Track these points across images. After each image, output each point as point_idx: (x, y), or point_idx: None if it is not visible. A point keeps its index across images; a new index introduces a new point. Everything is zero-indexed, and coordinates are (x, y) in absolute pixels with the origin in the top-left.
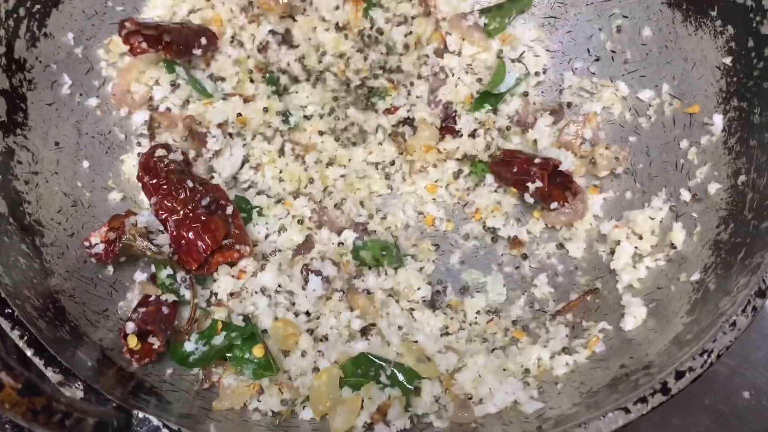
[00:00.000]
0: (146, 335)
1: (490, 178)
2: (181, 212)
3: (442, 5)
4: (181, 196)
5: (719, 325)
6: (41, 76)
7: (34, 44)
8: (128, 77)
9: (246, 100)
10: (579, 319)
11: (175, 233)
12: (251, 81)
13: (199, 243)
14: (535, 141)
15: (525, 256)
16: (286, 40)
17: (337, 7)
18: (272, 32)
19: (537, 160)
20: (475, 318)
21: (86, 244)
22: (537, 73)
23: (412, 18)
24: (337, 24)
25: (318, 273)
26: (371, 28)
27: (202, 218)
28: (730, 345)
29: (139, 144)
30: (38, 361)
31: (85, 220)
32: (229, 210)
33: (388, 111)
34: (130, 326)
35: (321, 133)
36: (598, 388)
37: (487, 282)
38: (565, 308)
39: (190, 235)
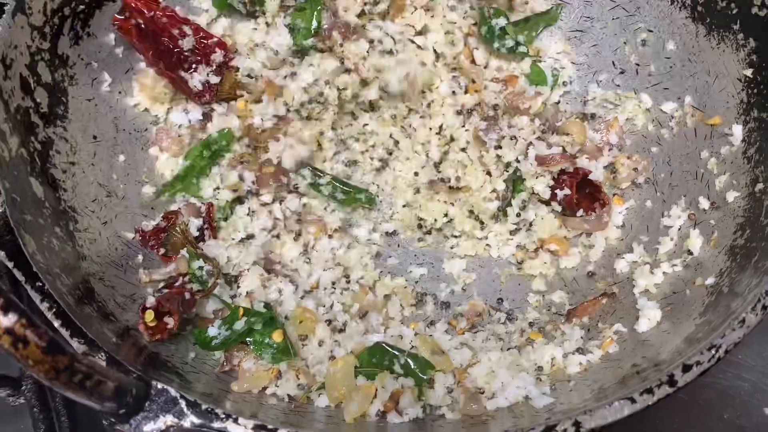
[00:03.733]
0: (164, 314)
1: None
2: None
3: None
4: None
5: (728, 323)
6: (82, 72)
7: (77, 42)
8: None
9: None
10: (595, 322)
11: None
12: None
13: None
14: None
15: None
16: None
17: None
18: None
19: (568, 168)
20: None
21: (137, 228)
22: (564, 83)
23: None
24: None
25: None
26: None
27: None
28: (739, 341)
29: None
30: (64, 332)
31: (118, 210)
32: None
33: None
34: (150, 301)
35: None
36: (609, 385)
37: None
38: (581, 308)
39: None
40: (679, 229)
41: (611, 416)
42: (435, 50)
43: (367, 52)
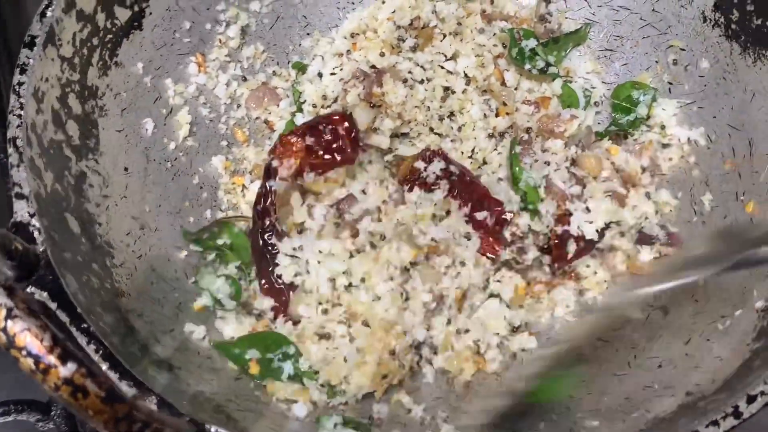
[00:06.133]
0: None
1: None
2: None
3: None
4: None
5: None
6: (112, 103)
7: (105, 72)
8: None
9: None
10: (642, 345)
11: None
12: None
13: None
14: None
15: None
16: None
17: None
18: None
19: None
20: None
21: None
22: (596, 103)
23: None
24: None
25: None
26: None
27: None
28: None
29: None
30: (113, 375)
31: (152, 242)
32: None
33: None
34: None
35: None
36: (665, 415)
37: None
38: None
39: None
40: None
41: None
42: (466, 74)
43: (405, 97)
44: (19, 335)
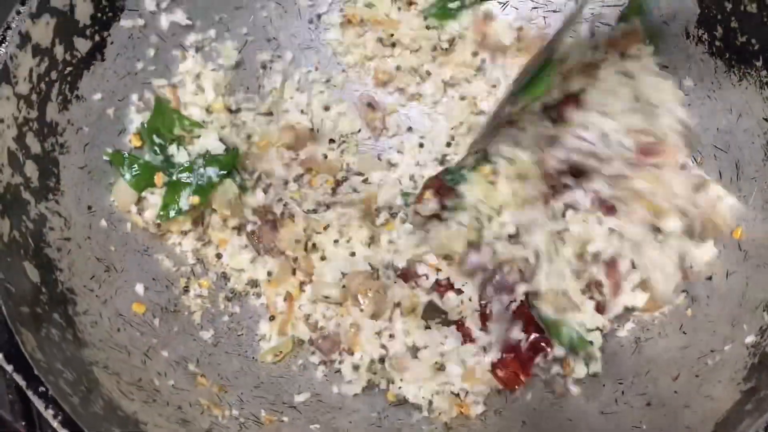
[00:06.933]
0: None
1: None
2: None
3: None
4: None
5: None
6: (74, 139)
7: (66, 107)
8: None
9: None
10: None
11: None
12: None
13: None
14: None
15: None
16: None
17: None
18: None
19: None
20: None
21: None
22: None
23: None
24: None
25: None
26: None
27: None
28: None
29: None
30: None
31: (118, 285)
32: None
33: None
34: None
35: None
36: None
37: None
38: None
39: None
40: None
41: None
42: None
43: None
44: None
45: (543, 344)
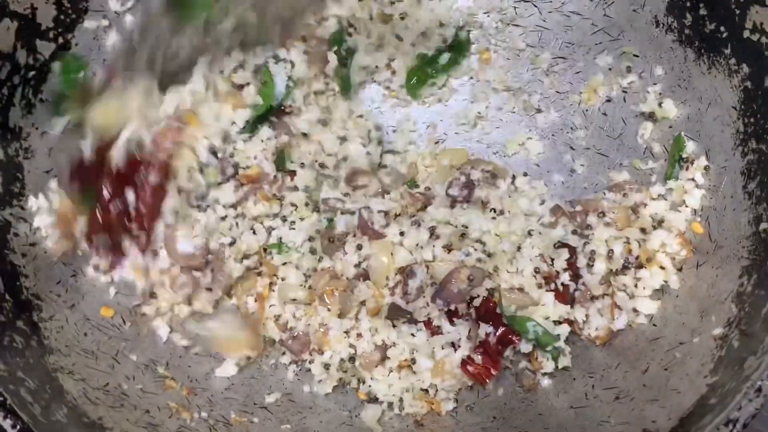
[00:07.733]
0: None
1: None
2: None
3: None
4: None
5: (744, 391)
6: (38, 143)
7: (29, 111)
8: None
9: None
10: (600, 373)
11: None
12: None
13: None
14: None
15: None
16: None
17: None
18: None
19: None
20: None
21: None
22: None
23: None
24: None
25: None
26: None
27: None
28: (757, 412)
29: None
30: None
31: (86, 290)
32: None
33: None
34: None
35: None
36: None
37: None
38: None
39: None
40: None
41: None
42: None
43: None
44: None
45: (511, 337)
